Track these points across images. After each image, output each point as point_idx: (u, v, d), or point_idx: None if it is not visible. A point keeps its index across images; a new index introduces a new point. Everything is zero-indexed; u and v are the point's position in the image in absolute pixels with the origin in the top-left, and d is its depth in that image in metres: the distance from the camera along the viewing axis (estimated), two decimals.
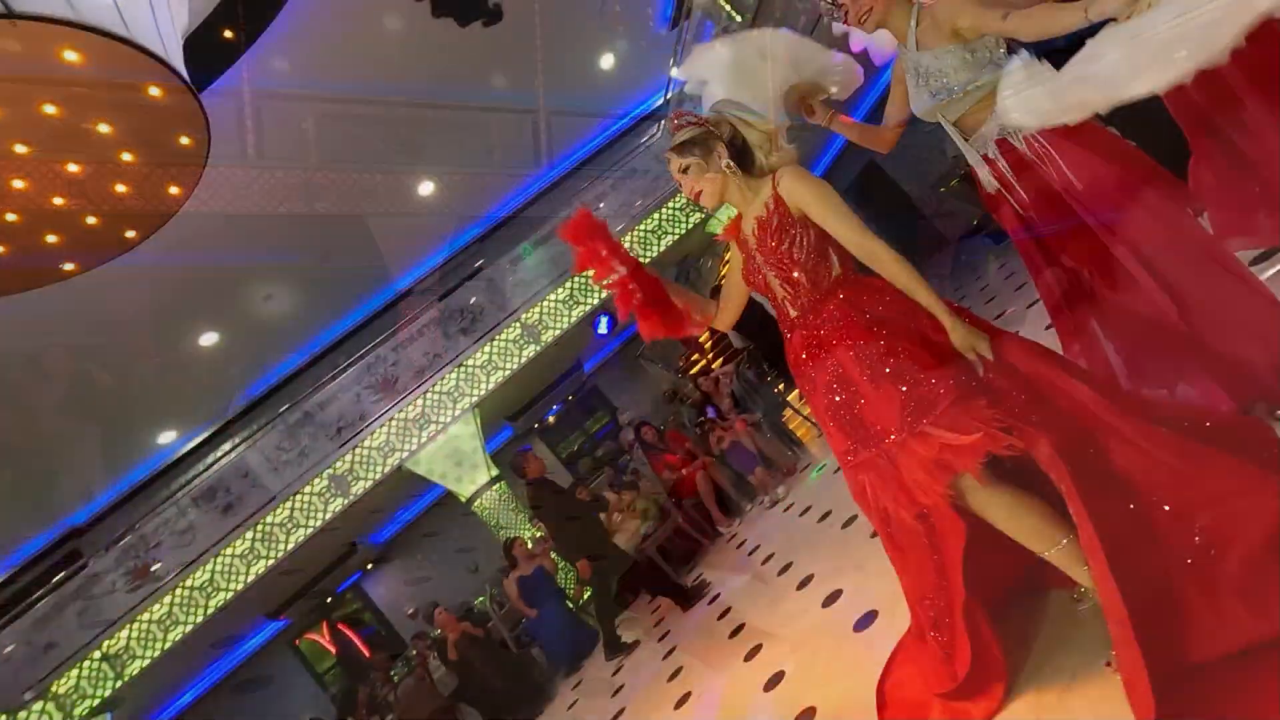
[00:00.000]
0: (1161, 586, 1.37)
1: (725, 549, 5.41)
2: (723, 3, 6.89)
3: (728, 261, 13.08)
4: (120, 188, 3.14)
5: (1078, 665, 1.59)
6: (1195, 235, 1.80)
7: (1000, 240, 7.74)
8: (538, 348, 8.95)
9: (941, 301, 1.58)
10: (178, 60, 2.86)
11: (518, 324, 8.94)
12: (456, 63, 8.74)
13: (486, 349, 8.82)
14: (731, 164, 1.77)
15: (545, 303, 9.02)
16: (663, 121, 10.00)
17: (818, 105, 2.07)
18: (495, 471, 8.72)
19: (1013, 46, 1.79)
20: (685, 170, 1.80)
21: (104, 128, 2.88)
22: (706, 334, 12.15)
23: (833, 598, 3.03)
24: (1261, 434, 1.54)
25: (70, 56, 2.64)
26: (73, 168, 2.90)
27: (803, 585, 3.45)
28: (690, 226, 9.55)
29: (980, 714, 1.65)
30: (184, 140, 3.14)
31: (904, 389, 1.57)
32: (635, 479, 6.20)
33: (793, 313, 1.80)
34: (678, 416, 7.83)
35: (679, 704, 3.39)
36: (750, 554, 4.71)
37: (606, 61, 11.22)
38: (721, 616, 4.04)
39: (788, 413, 7.19)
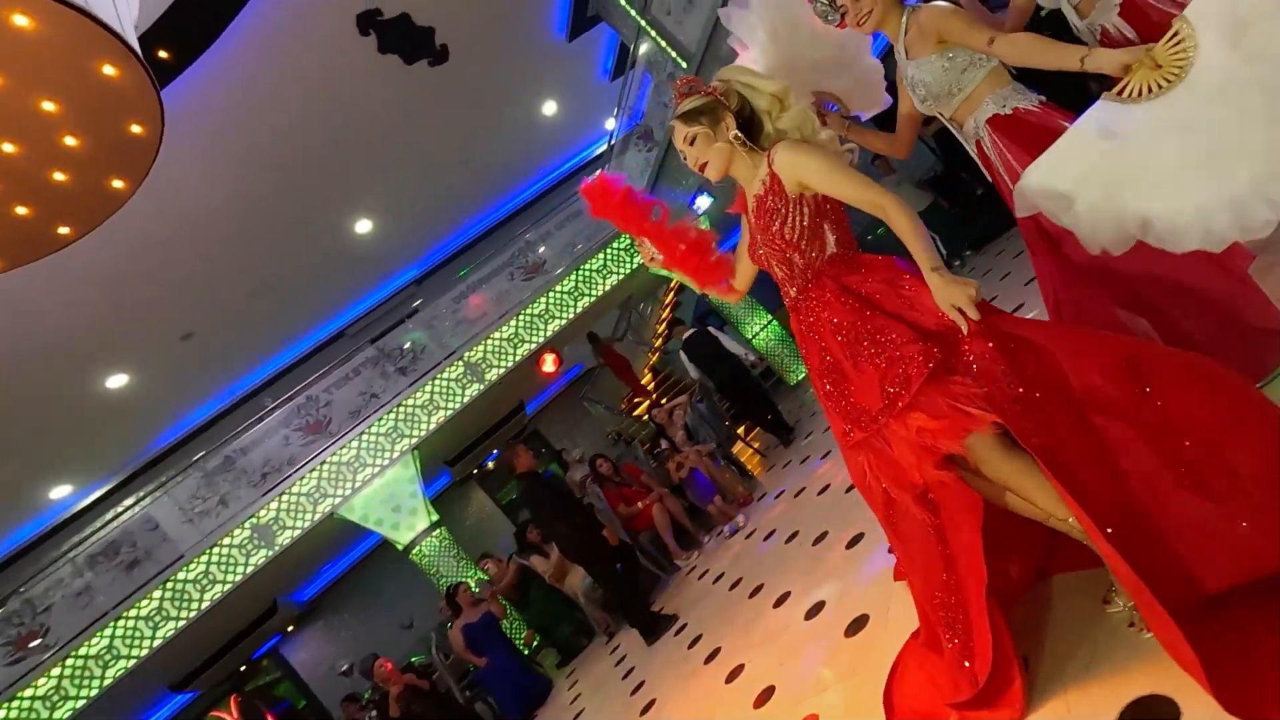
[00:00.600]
0: (1168, 541, 1.36)
1: (685, 582, 5.27)
2: (668, 49, 7.17)
3: (668, 305, 13.24)
4: (59, 175, 2.84)
5: (1097, 639, 1.58)
6: None
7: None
8: (481, 386, 8.71)
9: (932, 257, 1.50)
10: (133, 42, 2.67)
11: (460, 362, 8.70)
12: (401, 100, 8.71)
13: (427, 388, 8.51)
14: (739, 135, 1.74)
15: (489, 340, 8.83)
16: (605, 168, 10.20)
17: (831, 117, 2.13)
18: (435, 516, 8.31)
19: None
20: (691, 141, 1.76)
21: (48, 105, 2.62)
22: (649, 376, 12.18)
23: (816, 609, 2.97)
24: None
25: (20, 21, 2.40)
26: (8, 148, 2.60)
27: (780, 603, 3.38)
28: (634, 267, 9.65)
29: None
30: (135, 128, 2.89)
31: (882, 368, 1.57)
32: (592, 511, 6.02)
33: (792, 292, 1.80)
34: (630, 453, 7.74)
35: None
36: (715, 582, 4.61)
37: (549, 108, 11.43)
38: (692, 645, 3.90)
39: (738, 445, 7.22)
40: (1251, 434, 1.33)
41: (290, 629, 10.51)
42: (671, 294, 12.78)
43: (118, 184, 3.06)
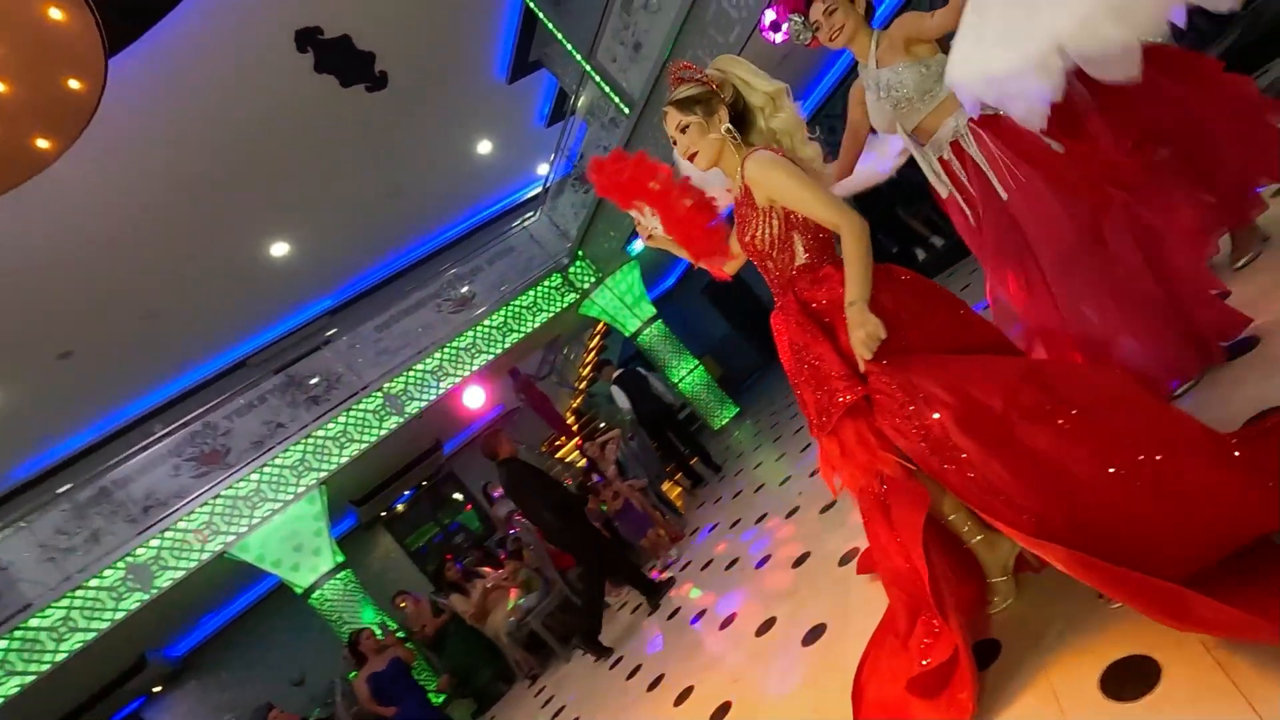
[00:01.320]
0: (1127, 530, 1.40)
1: (616, 618, 5.11)
2: (611, 94, 7.39)
3: (592, 349, 13.22)
4: None
5: (1068, 614, 1.64)
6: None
7: None
8: (401, 420, 8.33)
9: (858, 291, 1.56)
10: None
11: (379, 394, 8.30)
12: (332, 123, 8.48)
13: (341, 419, 8.05)
14: (731, 129, 1.75)
15: (412, 372, 8.50)
16: (539, 210, 10.26)
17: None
18: (341, 557, 7.72)
19: None
20: (684, 129, 1.75)
21: None
22: (572, 418, 12.03)
23: (766, 626, 2.94)
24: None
25: None
26: None
27: (726, 625, 3.33)
28: (565, 305, 9.65)
29: (966, 699, 1.57)
30: (74, 84, 2.60)
31: (816, 394, 1.68)
32: (519, 547, 5.77)
33: (775, 294, 1.85)
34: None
35: None
36: (650, 614, 4.49)
37: (484, 147, 11.45)
38: (631, 675, 3.76)
39: (666, 484, 7.20)
40: (1158, 434, 1.40)
41: (158, 689, 9.31)
42: (598, 338, 12.84)
43: (43, 144, 2.74)
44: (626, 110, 7.34)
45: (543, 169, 13.57)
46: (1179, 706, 1.25)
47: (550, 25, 7.51)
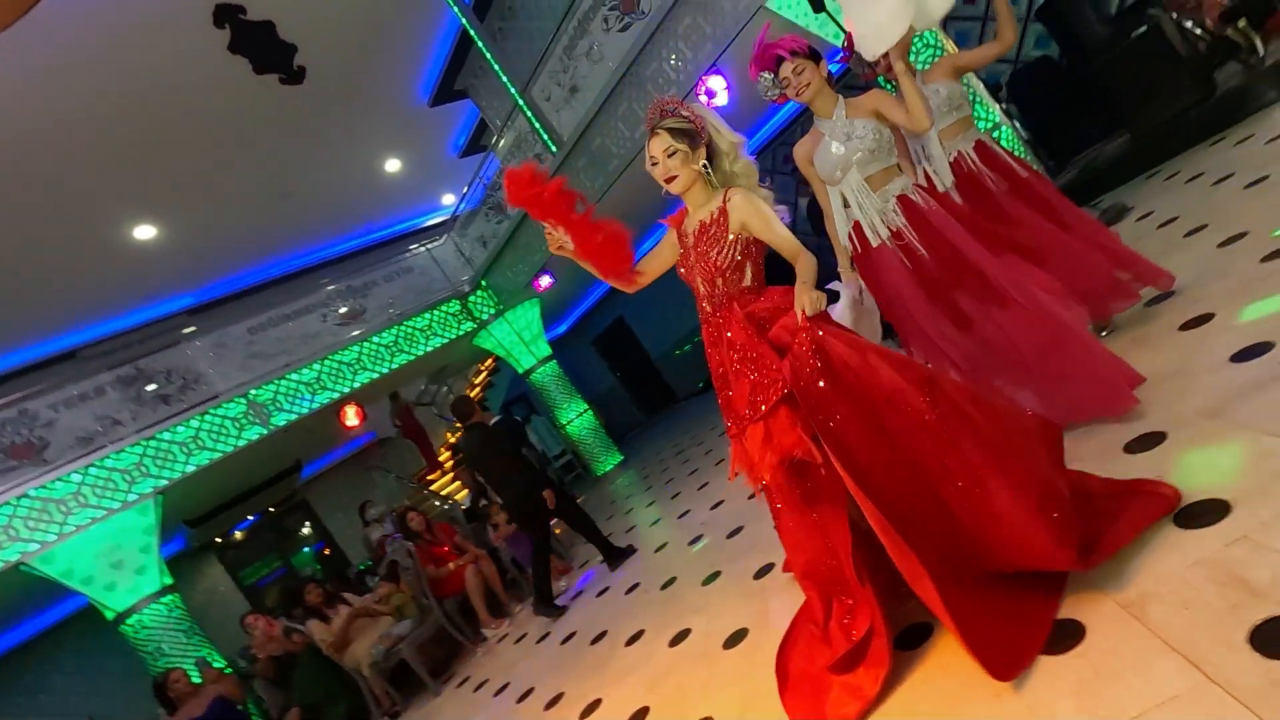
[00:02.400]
0: (944, 522, 1.72)
1: (497, 650, 4.86)
2: (541, 131, 7.54)
3: (476, 385, 12.91)
4: None
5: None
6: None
7: None
8: (264, 431, 7.61)
9: (809, 277, 1.86)
10: None
11: (244, 400, 7.58)
12: (234, 108, 7.96)
13: (194, 423, 7.23)
14: (707, 165, 2.01)
15: (285, 381, 7.86)
16: (446, 235, 10.07)
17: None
18: (169, 580, 6.78)
19: None
20: (671, 154, 1.96)
21: None
22: (446, 454, 11.56)
23: (680, 637, 2.96)
24: (1050, 431, 1.87)
25: None
26: None
27: (632, 641, 3.30)
28: (461, 333, 9.41)
29: (872, 682, 1.75)
30: None
31: (750, 385, 1.90)
32: (394, 570, 5.35)
33: (707, 308, 2.05)
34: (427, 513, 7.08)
35: None
36: (540, 641, 4.32)
37: (392, 166, 11.17)
38: (523, 698, 3.58)
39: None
40: (1017, 458, 1.71)
41: None
42: (485, 374, 12.54)
43: None
44: (555, 149, 7.51)
45: (448, 199, 13.43)
46: (1104, 652, 1.43)
47: (488, 55, 7.61)
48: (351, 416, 8.12)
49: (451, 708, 4.38)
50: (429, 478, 10.88)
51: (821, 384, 1.77)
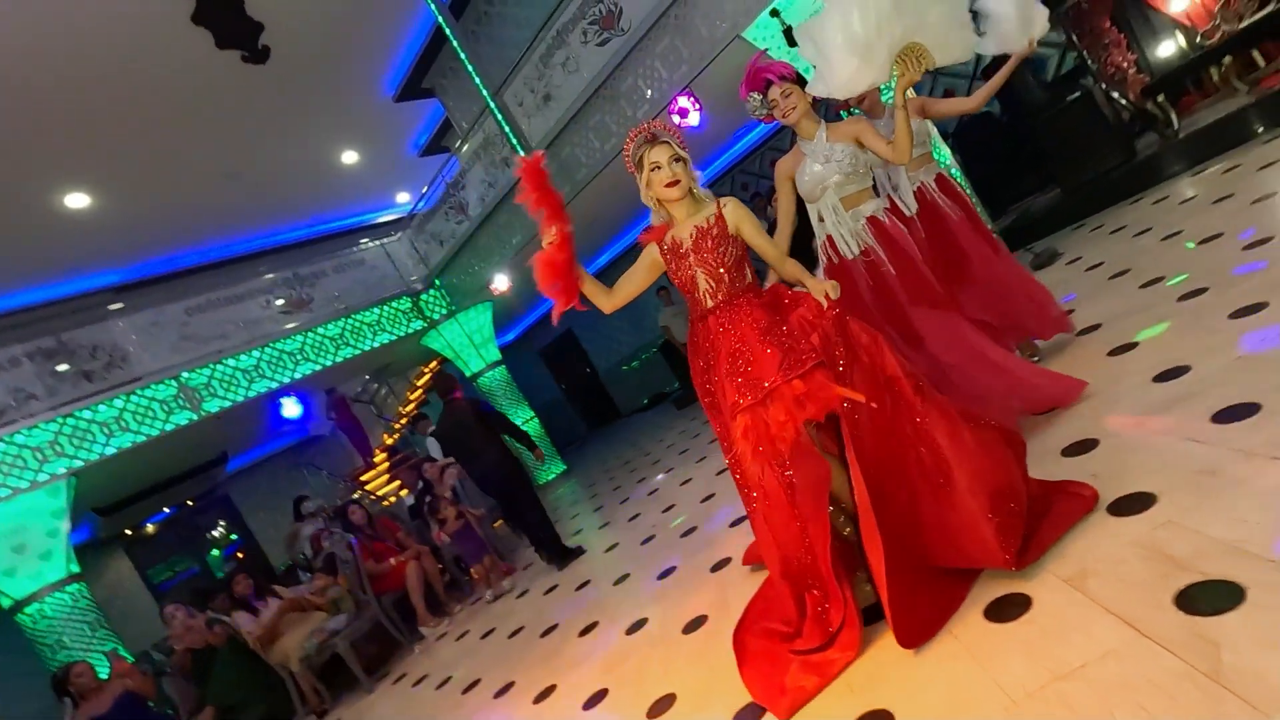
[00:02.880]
0: (908, 509, 1.91)
1: (436, 647, 4.76)
2: (511, 136, 7.59)
3: (420, 387, 12.65)
4: None
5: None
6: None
7: (682, 408, 9.23)
8: (194, 417, 7.27)
9: (804, 275, 2.13)
10: None
11: (175, 383, 7.23)
12: (191, 80, 7.69)
13: (118, 403, 6.85)
14: (695, 182, 2.18)
15: (222, 366, 7.54)
16: (402, 232, 9.92)
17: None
18: (76, 568, 6.34)
19: None
20: (677, 160, 2.11)
21: None
22: (384, 455, 11.27)
23: (637, 626, 3.02)
24: (1014, 439, 2.10)
25: None
26: None
27: (586, 632, 3.33)
28: (410, 331, 9.25)
29: (836, 663, 1.87)
30: None
31: (782, 353, 2.05)
32: (332, 562, 5.18)
33: (709, 302, 2.19)
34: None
35: None
36: (484, 637, 4.28)
37: (349, 158, 10.95)
38: (469, 689, 3.54)
39: (497, 522, 7.01)
40: (970, 464, 1.89)
41: None
42: (428, 375, 12.31)
43: None
44: (523, 154, 7.57)
45: (402, 197, 13.24)
46: (1050, 618, 1.60)
47: (463, 55, 7.64)
48: (291, 408, 7.84)
49: (388, 704, 4.26)
50: (363, 477, 10.55)
51: (841, 365, 1.97)
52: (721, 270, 2.13)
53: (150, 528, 9.75)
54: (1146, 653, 1.35)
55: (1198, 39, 6.81)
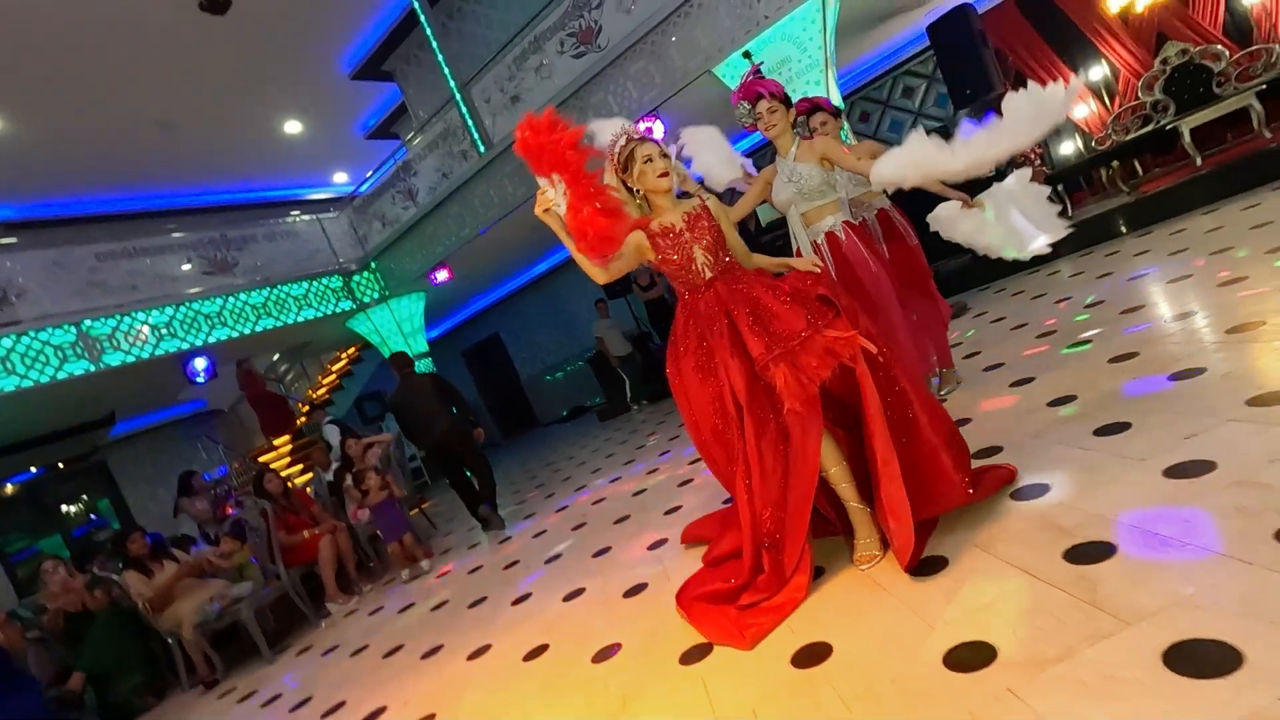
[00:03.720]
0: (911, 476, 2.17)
1: (346, 623, 4.66)
2: (473, 130, 7.65)
3: (333, 371, 12.26)
4: None
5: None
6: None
7: (606, 419, 9.40)
8: (90, 369, 6.79)
9: (785, 261, 2.42)
10: None
11: (74, 329, 6.74)
12: (137, 18, 7.33)
13: (8, 342, 6.32)
14: (680, 178, 2.49)
15: (130, 318, 7.10)
16: (340, 211, 9.69)
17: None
18: None
19: None
20: (664, 155, 2.35)
21: None
22: (288, 438, 10.79)
23: (576, 594, 3.15)
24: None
25: None
26: None
27: (520, 601, 3.42)
28: (338, 311, 9.01)
29: (787, 605, 2.10)
30: None
31: (805, 308, 2.25)
32: (241, 528, 4.95)
33: (707, 274, 2.41)
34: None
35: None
36: (404, 610, 4.25)
37: (291, 128, 10.64)
38: (391, 654, 3.53)
39: (414, 510, 6.89)
40: (927, 408, 2.23)
41: None
42: (345, 361, 11.93)
43: None
44: (483, 149, 7.67)
45: (340, 177, 12.91)
46: (966, 571, 1.90)
47: (435, 44, 7.69)
48: (200, 370, 7.44)
49: (297, 671, 4.08)
50: (263, 456, 10.04)
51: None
52: (716, 245, 2.35)
53: (10, 488, 8.85)
54: (1043, 591, 1.66)
55: (1093, 143, 7.86)
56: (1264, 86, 6.47)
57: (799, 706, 1.65)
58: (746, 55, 5.58)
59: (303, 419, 10.83)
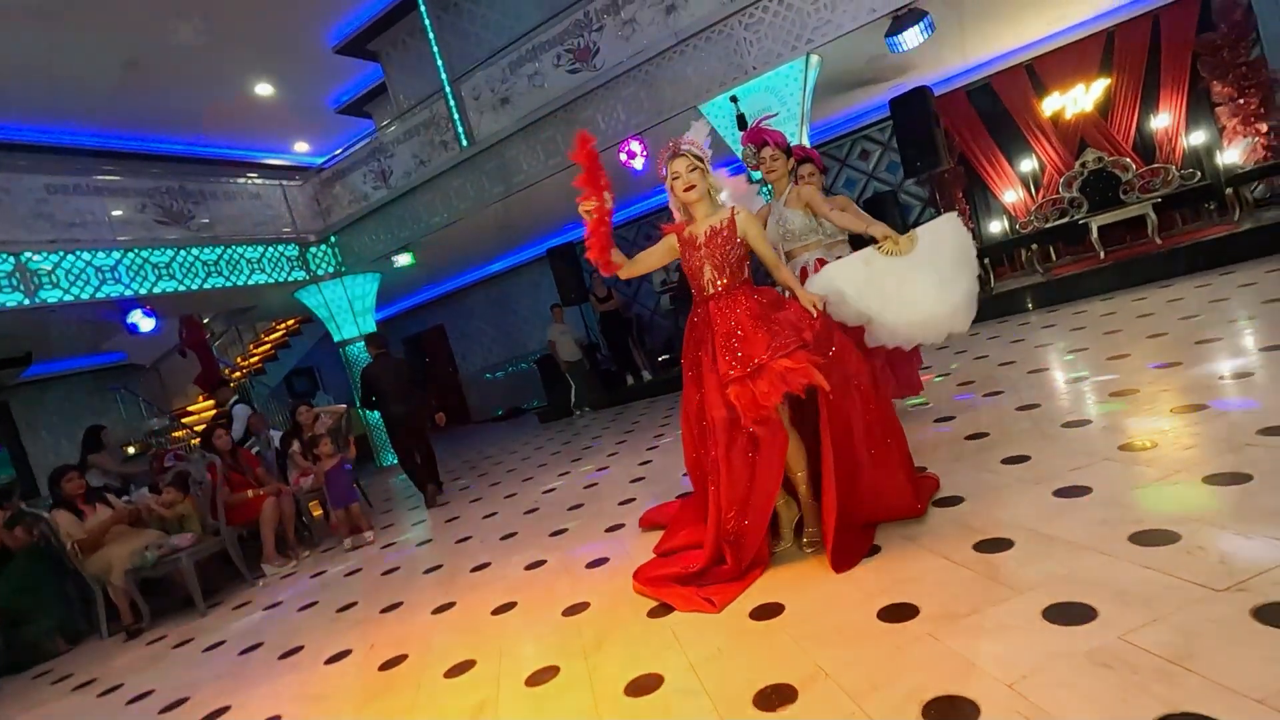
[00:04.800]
0: (849, 489, 2.59)
1: (285, 583, 4.71)
2: (458, 123, 7.83)
3: (267, 341, 11.97)
4: None
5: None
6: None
7: (546, 421, 9.62)
8: (25, 303, 6.52)
9: (795, 285, 2.67)
10: None
11: (12, 260, 6.47)
12: None
13: None
14: (714, 186, 2.74)
15: (75, 257, 6.86)
16: (306, 181, 9.59)
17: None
18: None
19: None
20: (692, 169, 2.64)
21: None
22: (212, 402, 10.45)
23: (537, 564, 3.40)
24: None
25: None
26: None
27: (479, 569, 3.63)
28: (291, 279, 8.90)
29: (754, 575, 2.48)
30: None
31: (771, 336, 2.59)
32: (184, 480, 4.89)
33: (711, 290, 2.76)
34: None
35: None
36: (350, 575, 4.36)
37: (262, 89, 10.46)
38: (345, 609, 3.65)
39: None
40: (899, 439, 2.67)
41: None
42: (282, 333, 11.67)
43: None
44: (465, 143, 7.86)
45: (301, 146, 12.71)
46: (894, 557, 2.32)
47: (431, 34, 7.87)
48: (142, 321, 7.22)
49: (234, 626, 4.04)
50: (188, 410, 9.67)
51: (831, 352, 2.51)
52: (725, 265, 2.62)
53: None
54: (953, 571, 2.09)
55: (1017, 226, 8.81)
56: (1160, 199, 7.52)
57: (758, 644, 2.01)
58: (733, 100, 6.08)
59: (233, 384, 10.51)
